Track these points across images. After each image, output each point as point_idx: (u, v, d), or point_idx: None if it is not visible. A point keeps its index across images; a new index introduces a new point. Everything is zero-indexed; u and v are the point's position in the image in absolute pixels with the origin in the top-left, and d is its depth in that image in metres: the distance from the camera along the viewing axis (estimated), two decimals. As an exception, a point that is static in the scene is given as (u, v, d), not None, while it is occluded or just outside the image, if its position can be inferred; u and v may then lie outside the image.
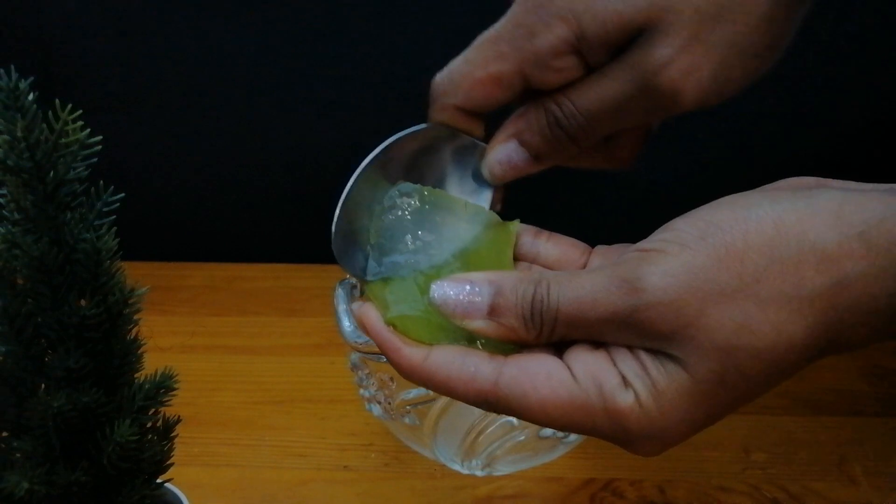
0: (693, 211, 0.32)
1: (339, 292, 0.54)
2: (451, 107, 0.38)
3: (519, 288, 0.33)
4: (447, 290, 0.33)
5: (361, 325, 0.35)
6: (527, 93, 0.38)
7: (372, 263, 0.38)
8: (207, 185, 0.82)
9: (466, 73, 0.38)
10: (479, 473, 0.55)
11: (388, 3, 0.73)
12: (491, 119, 0.40)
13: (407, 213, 0.38)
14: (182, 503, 0.43)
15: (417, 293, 0.36)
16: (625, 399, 0.31)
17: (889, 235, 0.29)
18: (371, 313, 0.35)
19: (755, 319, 0.30)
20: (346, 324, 0.52)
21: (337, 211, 0.37)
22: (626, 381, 0.31)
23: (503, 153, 0.39)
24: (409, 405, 0.52)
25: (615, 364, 0.31)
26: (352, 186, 0.37)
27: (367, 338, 0.38)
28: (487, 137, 0.40)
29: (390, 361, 0.34)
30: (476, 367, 0.32)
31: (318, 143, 0.79)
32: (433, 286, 0.33)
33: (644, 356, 0.31)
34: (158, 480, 0.39)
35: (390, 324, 0.34)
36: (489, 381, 0.32)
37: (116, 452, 0.35)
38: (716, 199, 0.32)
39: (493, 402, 0.32)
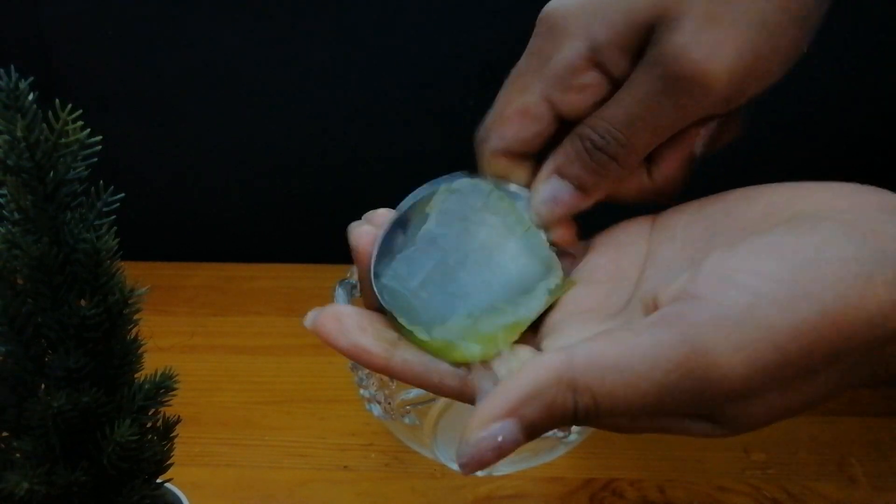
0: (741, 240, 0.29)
1: (339, 292, 0.54)
2: (491, 154, 0.37)
3: (555, 407, 0.28)
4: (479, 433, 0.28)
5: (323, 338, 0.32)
6: (562, 127, 0.37)
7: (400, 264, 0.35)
8: (207, 184, 0.82)
9: (496, 114, 0.37)
10: (479, 473, 0.55)
11: (391, 5, 0.73)
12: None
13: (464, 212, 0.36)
14: (182, 503, 0.43)
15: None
16: None
17: None
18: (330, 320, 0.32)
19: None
20: (346, 324, 0.52)
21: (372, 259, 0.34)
22: None
23: (546, 191, 0.37)
24: (409, 405, 0.52)
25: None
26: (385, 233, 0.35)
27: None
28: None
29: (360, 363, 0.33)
30: (441, 374, 0.33)
31: (318, 144, 0.79)
32: (461, 446, 0.28)
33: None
34: (158, 480, 0.39)
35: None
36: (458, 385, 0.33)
37: (116, 452, 0.35)
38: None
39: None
